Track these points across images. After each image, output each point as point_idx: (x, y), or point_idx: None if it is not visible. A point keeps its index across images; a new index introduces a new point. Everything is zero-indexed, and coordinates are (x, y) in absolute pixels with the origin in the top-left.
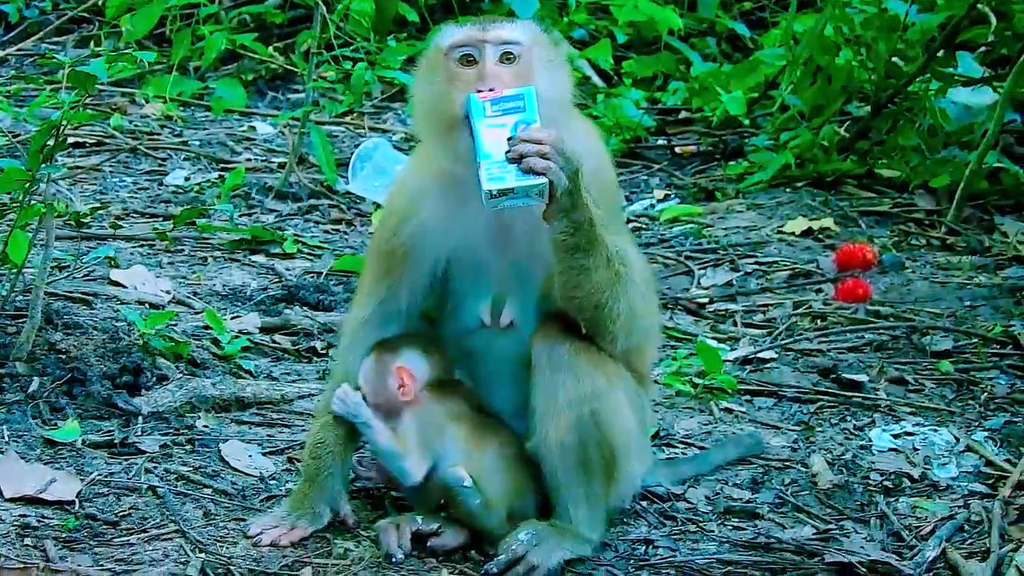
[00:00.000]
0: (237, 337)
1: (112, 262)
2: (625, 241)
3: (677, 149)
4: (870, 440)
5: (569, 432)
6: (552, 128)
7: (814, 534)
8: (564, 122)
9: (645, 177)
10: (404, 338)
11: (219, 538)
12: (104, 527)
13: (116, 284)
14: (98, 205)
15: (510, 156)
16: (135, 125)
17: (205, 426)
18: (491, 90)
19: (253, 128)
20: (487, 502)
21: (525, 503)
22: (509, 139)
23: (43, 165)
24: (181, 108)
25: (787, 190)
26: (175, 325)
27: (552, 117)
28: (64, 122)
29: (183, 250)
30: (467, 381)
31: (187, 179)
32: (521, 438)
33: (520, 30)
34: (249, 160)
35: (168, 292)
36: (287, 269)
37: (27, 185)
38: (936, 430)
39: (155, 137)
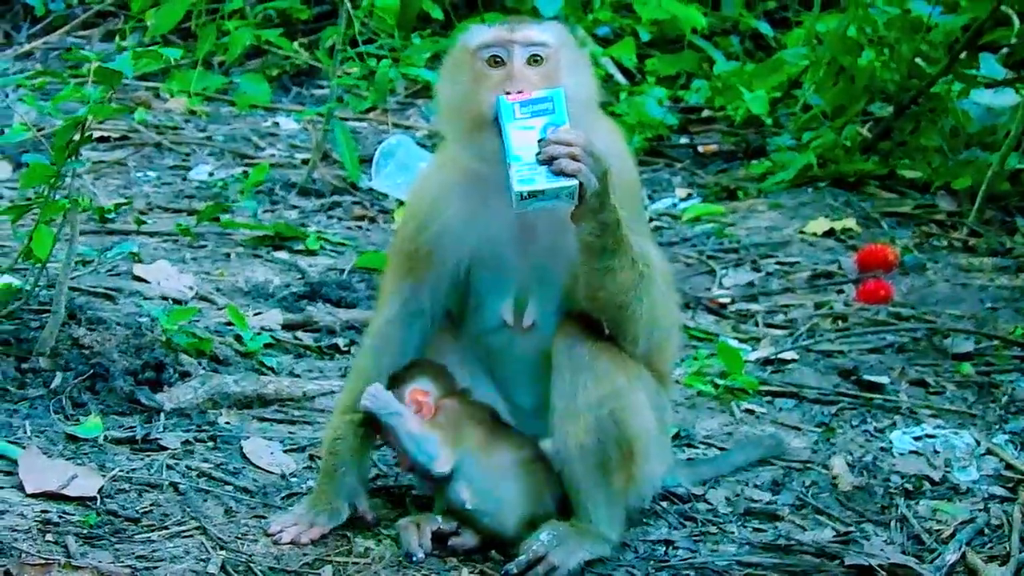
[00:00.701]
0: (259, 334)
1: (136, 257)
2: (647, 242)
3: (700, 148)
4: (890, 442)
5: (589, 433)
6: (578, 129)
7: (834, 536)
8: (589, 123)
9: (667, 176)
10: (408, 368)
11: (240, 535)
12: (125, 523)
13: (139, 279)
14: (122, 201)
15: (540, 158)
16: (159, 120)
17: (227, 423)
18: (519, 92)
19: (277, 124)
20: (497, 515)
21: (543, 505)
22: (539, 141)
23: (68, 160)
24: (206, 103)
25: (809, 190)
26: (198, 321)
27: (578, 118)
28: (89, 117)
29: (206, 246)
30: (487, 382)
31: (211, 174)
32: (536, 441)
33: (548, 31)
34: (273, 156)
35: (191, 288)
36: (310, 266)
37: (52, 180)
38: (957, 432)
39: (179, 132)
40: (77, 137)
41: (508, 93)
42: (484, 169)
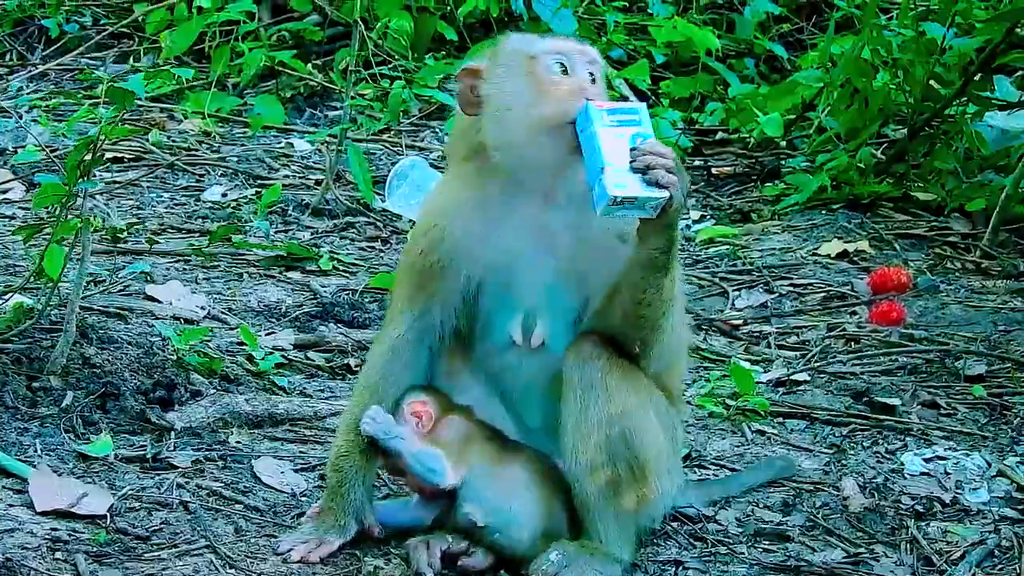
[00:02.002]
0: (271, 353)
1: (148, 277)
2: (677, 252)
3: (714, 170)
4: (902, 464)
5: (599, 451)
6: None
7: (844, 558)
8: None
9: None
10: (406, 391)
11: (249, 554)
12: (135, 542)
13: (152, 299)
14: (135, 221)
15: (635, 165)
16: (173, 141)
17: (238, 442)
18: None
19: (291, 145)
20: (508, 531)
21: (555, 520)
22: (632, 150)
23: (80, 180)
24: (219, 124)
25: (823, 212)
26: (209, 341)
27: None
28: (102, 137)
29: (219, 266)
30: (495, 401)
31: (224, 195)
32: (548, 456)
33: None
34: (286, 177)
35: (203, 308)
36: (322, 286)
37: (64, 200)
38: (968, 455)
39: (193, 153)
40: (89, 157)
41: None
42: (523, 175)
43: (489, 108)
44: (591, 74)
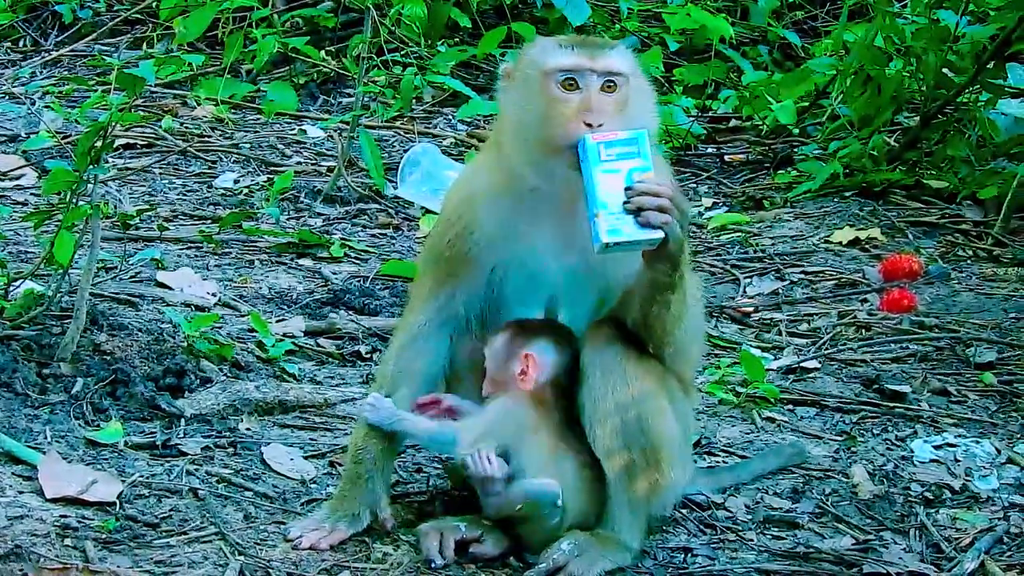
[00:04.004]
0: (281, 340)
1: (159, 264)
2: (688, 266)
3: (726, 157)
4: (911, 451)
5: (616, 436)
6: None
7: (853, 544)
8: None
9: (693, 185)
10: (540, 324)
11: (259, 541)
12: (144, 528)
13: (162, 286)
14: (145, 207)
15: (628, 207)
16: (186, 127)
17: (247, 429)
18: (600, 125)
19: (303, 131)
20: (543, 521)
21: (586, 517)
22: (627, 189)
23: (90, 166)
24: (232, 111)
25: (835, 200)
26: (220, 327)
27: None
28: (112, 123)
29: (230, 253)
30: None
31: (236, 182)
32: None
33: (623, 60)
34: (299, 163)
35: (214, 294)
36: (333, 273)
37: (74, 186)
38: (978, 442)
39: (205, 139)
40: (99, 143)
41: (589, 125)
42: (538, 183)
43: (505, 115)
44: (608, 84)
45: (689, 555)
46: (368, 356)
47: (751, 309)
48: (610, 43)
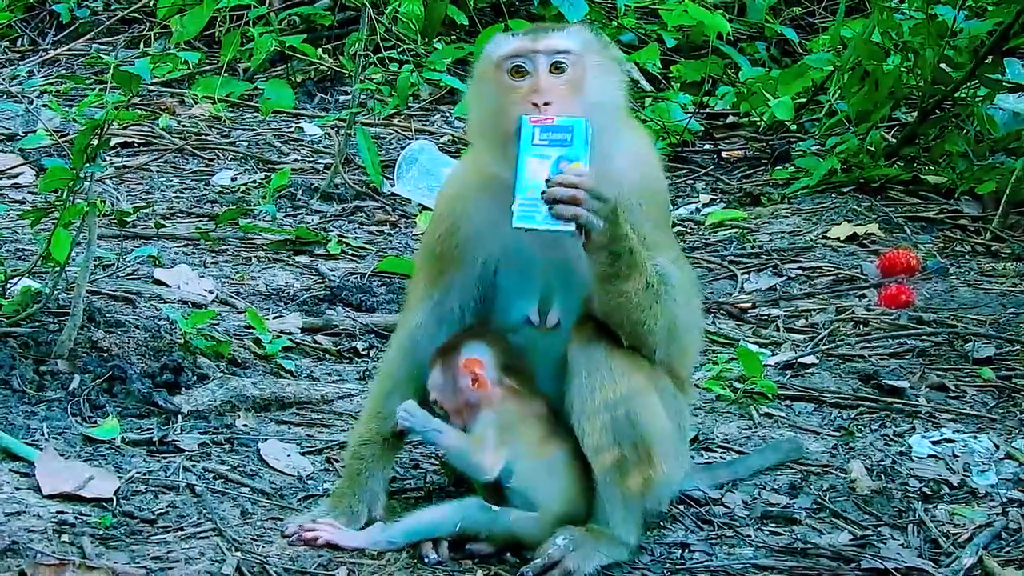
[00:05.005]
0: (278, 337)
1: (156, 261)
2: (668, 256)
3: (724, 154)
4: (909, 446)
5: (605, 432)
6: (606, 136)
7: (851, 540)
8: (615, 129)
9: (691, 181)
10: (460, 335)
11: (255, 537)
12: (141, 525)
13: (160, 283)
14: (142, 205)
15: (544, 197)
16: (183, 125)
17: (244, 425)
18: (547, 104)
19: (301, 129)
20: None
21: (577, 508)
22: (547, 180)
23: (87, 164)
24: (229, 109)
25: (833, 195)
26: (217, 324)
27: (604, 124)
28: (108, 122)
29: (227, 250)
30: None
31: (233, 179)
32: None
33: (572, 38)
34: (296, 161)
35: (211, 291)
36: (330, 270)
37: (71, 184)
38: (976, 437)
39: (203, 137)
40: (96, 141)
41: (536, 105)
42: (507, 175)
43: (470, 111)
44: (556, 65)
45: (687, 551)
46: (365, 352)
47: (749, 305)
48: (560, 25)
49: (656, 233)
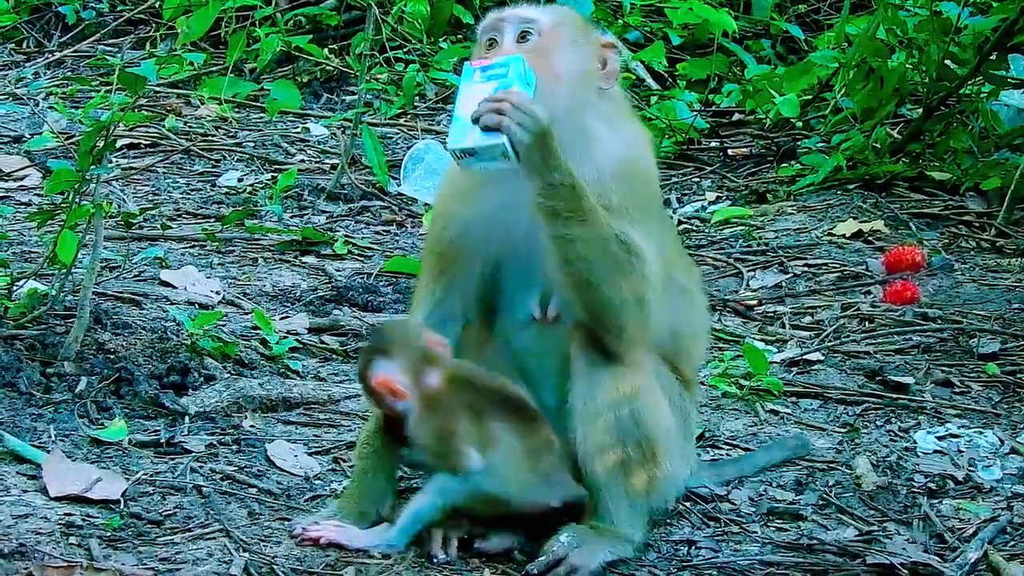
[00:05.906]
0: (285, 337)
1: (162, 262)
2: (644, 234)
3: (730, 151)
4: (915, 442)
5: (608, 432)
6: (575, 107)
7: (856, 535)
8: (586, 100)
9: (697, 179)
10: (367, 356)
11: (263, 537)
12: (148, 526)
13: (166, 284)
14: (149, 206)
15: (472, 115)
16: (189, 126)
17: (252, 426)
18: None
19: (307, 129)
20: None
21: (551, 490)
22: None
23: (93, 166)
24: (236, 109)
25: (838, 192)
26: (223, 325)
27: (572, 93)
28: (114, 123)
29: (234, 251)
30: (516, 381)
31: (240, 180)
32: (550, 426)
33: (542, 11)
34: (302, 161)
35: (218, 292)
36: (337, 270)
37: (77, 186)
38: (981, 432)
39: (209, 138)
40: (101, 143)
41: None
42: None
43: None
44: (522, 34)
45: (693, 547)
46: None
47: (754, 302)
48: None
49: (634, 212)
